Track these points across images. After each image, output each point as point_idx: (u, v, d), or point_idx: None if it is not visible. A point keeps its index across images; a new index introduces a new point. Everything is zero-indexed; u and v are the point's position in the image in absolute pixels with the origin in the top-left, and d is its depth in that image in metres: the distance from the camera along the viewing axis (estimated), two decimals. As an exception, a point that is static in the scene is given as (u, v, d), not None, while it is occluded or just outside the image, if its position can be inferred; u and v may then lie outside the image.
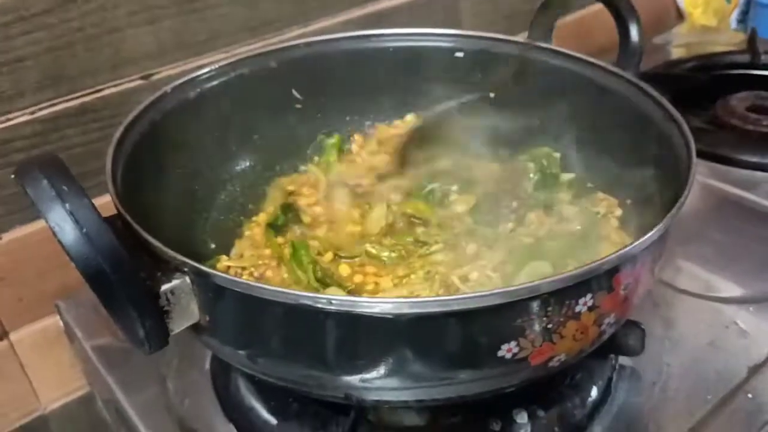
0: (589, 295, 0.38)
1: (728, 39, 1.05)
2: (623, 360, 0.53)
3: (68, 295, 0.65)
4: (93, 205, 0.35)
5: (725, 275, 0.61)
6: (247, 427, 0.50)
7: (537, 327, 0.37)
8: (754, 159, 0.75)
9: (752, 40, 0.94)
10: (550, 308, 0.37)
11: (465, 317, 0.36)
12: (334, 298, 0.34)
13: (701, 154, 0.78)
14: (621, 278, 0.39)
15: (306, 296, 0.35)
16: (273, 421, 0.49)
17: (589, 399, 0.49)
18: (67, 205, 0.35)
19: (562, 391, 0.49)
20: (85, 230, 0.34)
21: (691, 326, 0.56)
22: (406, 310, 0.35)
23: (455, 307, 0.35)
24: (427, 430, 0.47)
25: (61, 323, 0.66)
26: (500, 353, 0.37)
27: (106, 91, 0.63)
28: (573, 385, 0.50)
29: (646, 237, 0.38)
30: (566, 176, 0.60)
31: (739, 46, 0.97)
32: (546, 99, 0.59)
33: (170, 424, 0.52)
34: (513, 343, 0.37)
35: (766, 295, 0.58)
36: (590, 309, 0.38)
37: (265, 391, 0.51)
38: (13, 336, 0.66)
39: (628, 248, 0.37)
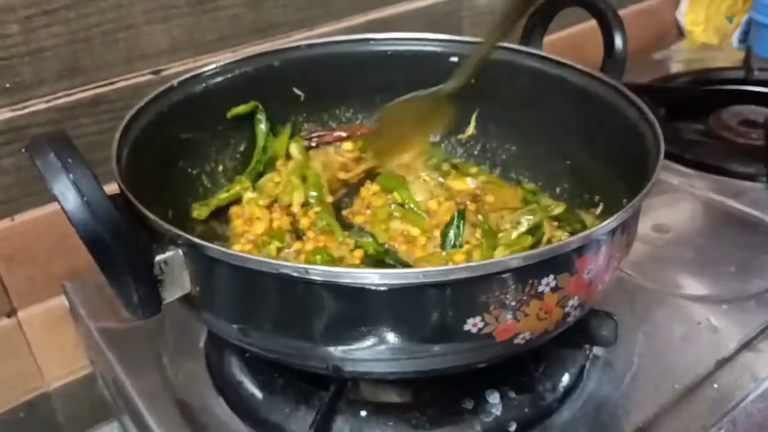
0: (551, 276, 0.40)
1: (727, 57, 1.07)
2: (597, 350, 0.55)
3: (75, 276, 0.68)
4: (95, 176, 0.39)
5: (703, 276, 0.63)
6: (235, 399, 0.53)
7: (501, 303, 0.39)
8: (741, 169, 0.78)
9: (747, 57, 0.97)
10: (513, 286, 0.39)
11: (432, 291, 0.38)
12: (311, 268, 0.37)
13: (693, 165, 0.81)
14: (584, 261, 0.41)
15: (285, 265, 0.38)
16: (259, 394, 0.52)
17: (561, 384, 0.51)
18: (71, 175, 0.38)
19: (535, 376, 0.51)
20: (85, 198, 0.38)
21: (666, 322, 0.58)
22: (376, 281, 0.38)
23: (422, 280, 0.37)
24: (404, 406, 0.50)
25: (67, 303, 0.69)
26: (466, 327, 0.40)
27: (119, 84, 0.67)
28: (546, 371, 0.52)
29: (606, 222, 0.41)
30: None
31: (737, 64, 1.00)
32: (533, 101, 0.62)
33: (165, 397, 0.55)
34: (478, 318, 0.40)
35: (738, 295, 0.60)
36: (553, 290, 0.41)
37: (253, 366, 0.54)
38: (21, 314, 0.69)
39: (589, 232, 0.40)
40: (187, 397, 0.54)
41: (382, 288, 0.38)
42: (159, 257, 0.42)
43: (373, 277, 0.38)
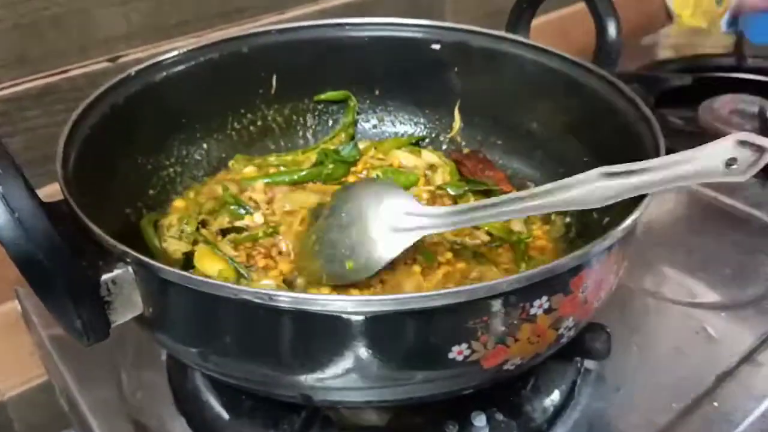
0: (545, 298, 0.36)
1: (716, 42, 1.04)
2: (588, 363, 0.51)
3: (28, 281, 0.64)
4: (30, 188, 0.34)
5: (699, 280, 0.60)
6: (198, 421, 0.49)
7: (490, 329, 0.36)
8: (735, 163, 0.74)
9: (739, 43, 0.93)
10: (503, 310, 0.35)
11: (412, 318, 0.35)
12: (274, 294, 0.33)
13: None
14: (580, 280, 0.37)
15: (246, 291, 0.34)
16: (225, 416, 0.48)
17: (551, 403, 0.48)
18: (0, 187, 0.33)
19: (523, 395, 0.48)
20: (17, 214, 0.33)
21: (660, 331, 0.55)
22: (349, 308, 0.34)
23: (398, 307, 0.33)
24: (384, 430, 0.46)
25: (20, 309, 0.65)
26: (451, 355, 0.36)
27: (73, 73, 0.62)
28: (535, 389, 0.48)
29: (605, 239, 0.37)
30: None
31: (727, 49, 0.97)
32: (518, 92, 0.58)
33: (121, 414, 0.51)
34: (464, 345, 0.36)
35: (738, 302, 0.57)
36: (546, 312, 0.37)
37: (219, 386, 0.49)
38: (-27, 321, 0.64)
39: (584, 251, 0.36)
40: (145, 417, 0.50)
41: (355, 316, 0.34)
42: (106, 276, 0.37)
43: (345, 304, 0.34)
